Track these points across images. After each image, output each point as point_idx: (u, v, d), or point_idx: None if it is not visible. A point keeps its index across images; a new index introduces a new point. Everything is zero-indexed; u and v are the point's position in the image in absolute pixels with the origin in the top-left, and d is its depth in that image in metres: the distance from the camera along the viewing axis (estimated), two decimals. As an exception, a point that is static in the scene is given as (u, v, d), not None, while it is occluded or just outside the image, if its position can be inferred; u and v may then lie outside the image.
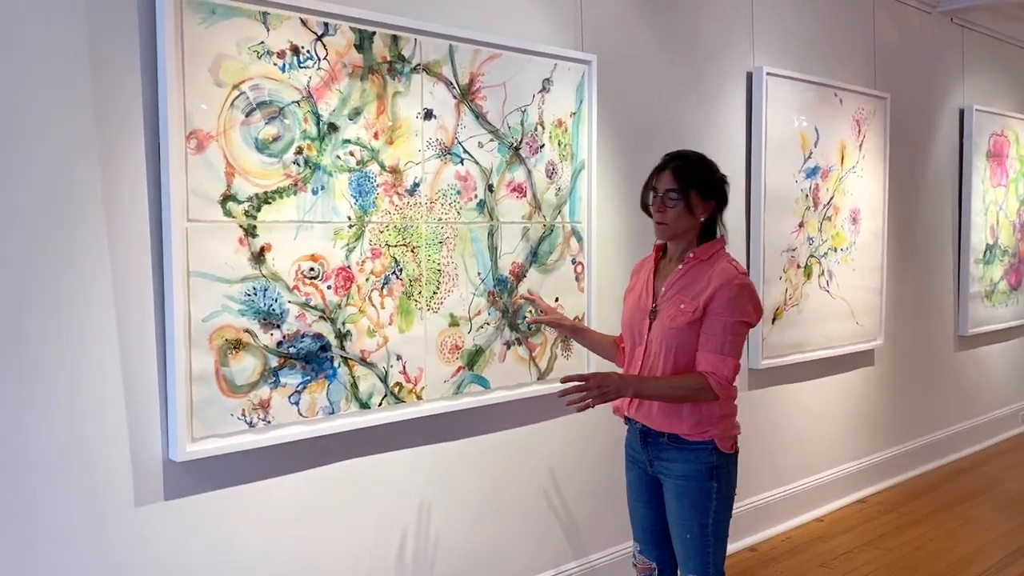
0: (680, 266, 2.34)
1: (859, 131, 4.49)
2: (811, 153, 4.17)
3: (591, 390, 2.16)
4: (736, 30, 3.84)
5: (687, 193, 2.28)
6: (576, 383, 2.18)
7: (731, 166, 3.84)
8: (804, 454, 4.35)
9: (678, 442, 2.30)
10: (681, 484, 2.31)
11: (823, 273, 4.30)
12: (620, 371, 2.47)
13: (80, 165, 2.04)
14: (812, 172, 4.19)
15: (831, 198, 4.32)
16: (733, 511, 2.36)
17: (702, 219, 2.32)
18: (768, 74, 3.88)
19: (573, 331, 2.72)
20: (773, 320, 4.03)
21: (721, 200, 2.36)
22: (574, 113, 3.08)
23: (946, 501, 4.64)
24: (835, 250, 4.37)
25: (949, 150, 5.38)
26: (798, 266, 4.15)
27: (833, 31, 4.41)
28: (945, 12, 5.24)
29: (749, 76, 3.90)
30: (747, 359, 3.95)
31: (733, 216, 3.83)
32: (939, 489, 4.87)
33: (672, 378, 2.26)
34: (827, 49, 4.36)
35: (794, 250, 4.12)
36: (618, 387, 2.20)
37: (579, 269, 3.13)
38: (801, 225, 4.15)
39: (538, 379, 3.02)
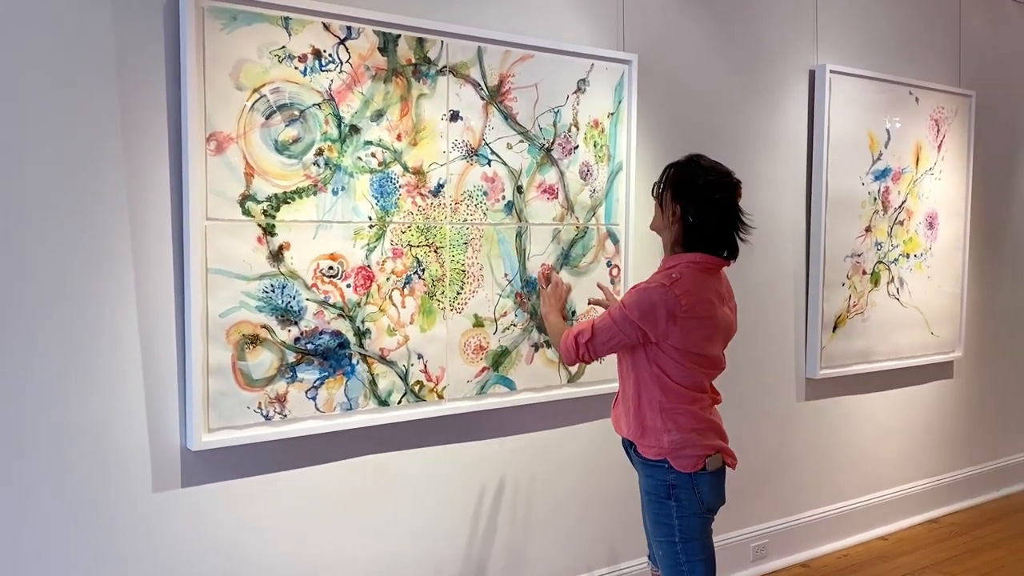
0: None
1: (938, 131, 4.25)
2: (880, 154, 3.98)
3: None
4: (797, 26, 3.70)
5: (661, 189, 2.33)
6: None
7: (790, 168, 3.71)
8: (868, 469, 4.16)
9: (639, 456, 2.31)
10: (644, 499, 2.33)
11: (892, 280, 4.10)
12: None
13: (106, 165, 2.14)
14: (882, 174, 4.00)
15: (903, 201, 4.11)
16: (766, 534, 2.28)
17: (670, 220, 2.28)
18: (832, 72, 3.73)
19: None
20: (834, 328, 3.87)
21: (691, 207, 2.24)
22: (612, 114, 3.03)
23: (1027, 526, 4.35)
24: (907, 256, 4.16)
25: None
26: (864, 272, 3.97)
27: (910, 26, 4.19)
28: (1047, 3, 4.89)
29: (811, 74, 3.75)
30: (804, 368, 3.81)
31: (792, 220, 3.71)
32: (1021, 513, 4.56)
33: (560, 321, 2.57)
34: (902, 45, 4.15)
35: (859, 255, 3.94)
36: (542, 303, 2.70)
37: (615, 272, 3.09)
38: (868, 229, 3.96)
39: (568, 382, 2.99)
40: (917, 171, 4.17)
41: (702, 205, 2.24)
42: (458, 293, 2.71)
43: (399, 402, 2.61)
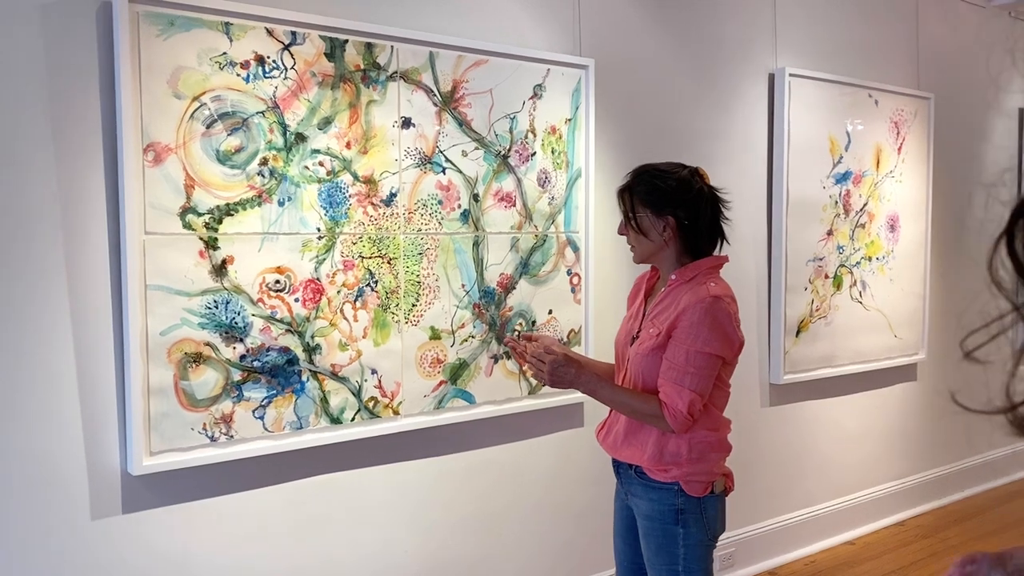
0: (663, 288, 2.17)
1: (898, 134, 4.25)
2: (841, 158, 3.97)
3: (543, 368, 2.09)
4: (756, 29, 3.68)
5: (634, 214, 2.12)
6: (537, 356, 2.11)
7: (751, 172, 3.68)
8: (834, 473, 4.14)
9: (643, 478, 2.13)
10: (646, 524, 2.14)
11: (855, 283, 4.09)
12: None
13: (38, 178, 2.04)
14: (842, 177, 3.98)
15: (865, 204, 4.10)
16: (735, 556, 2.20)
17: (665, 236, 2.10)
18: (791, 75, 3.71)
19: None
20: (797, 333, 3.84)
21: (682, 211, 2.09)
22: (569, 120, 2.97)
23: (991, 528, 4.35)
24: (869, 259, 4.15)
25: (1007, 153, 5.07)
26: (826, 276, 3.95)
27: (869, 29, 4.19)
28: (1002, 6, 4.93)
29: (771, 77, 3.72)
30: (768, 374, 3.78)
31: (753, 224, 3.68)
32: (986, 514, 4.57)
33: (632, 394, 2.10)
34: (862, 48, 4.14)
35: (822, 259, 3.92)
36: (572, 379, 2.10)
37: (575, 280, 3.03)
38: (830, 233, 3.95)
39: (529, 394, 2.93)
40: (878, 174, 4.16)
41: (690, 203, 2.10)
42: (413, 305, 2.64)
43: (352, 419, 2.52)
